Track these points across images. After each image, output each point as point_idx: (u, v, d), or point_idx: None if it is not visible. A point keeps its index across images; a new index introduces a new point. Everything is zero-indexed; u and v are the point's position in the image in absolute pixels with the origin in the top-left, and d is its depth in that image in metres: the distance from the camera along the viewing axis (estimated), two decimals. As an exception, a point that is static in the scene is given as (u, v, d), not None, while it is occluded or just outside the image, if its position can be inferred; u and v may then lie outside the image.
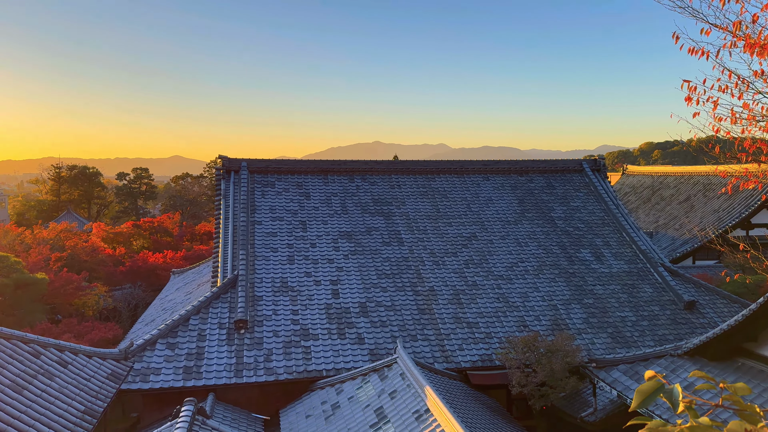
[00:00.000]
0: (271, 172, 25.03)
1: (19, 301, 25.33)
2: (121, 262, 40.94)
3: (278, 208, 23.39)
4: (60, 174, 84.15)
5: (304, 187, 24.79)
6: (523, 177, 27.14)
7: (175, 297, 25.98)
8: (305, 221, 23.07)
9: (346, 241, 22.39)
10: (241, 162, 24.69)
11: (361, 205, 24.35)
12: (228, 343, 17.51)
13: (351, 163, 26.52)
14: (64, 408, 11.88)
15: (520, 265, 22.35)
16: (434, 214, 24.40)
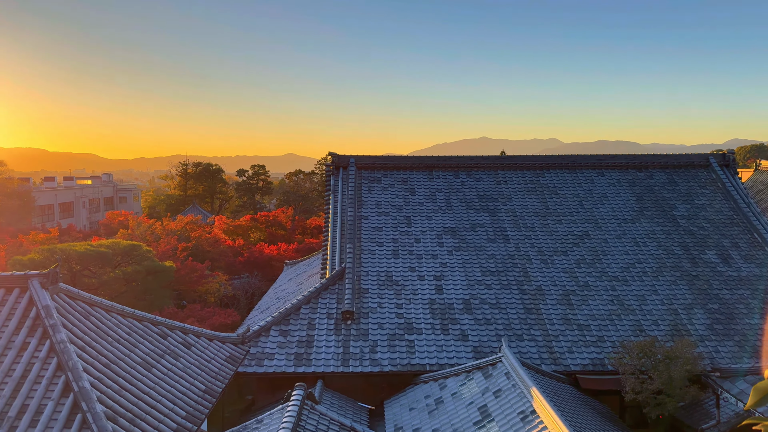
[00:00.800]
0: (377, 168, 25.48)
1: (149, 287, 27.71)
2: (240, 253, 43.50)
3: (384, 204, 23.77)
4: (186, 170, 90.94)
5: (410, 182, 25.00)
6: (642, 172, 25.60)
7: (287, 287, 27.24)
8: (410, 217, 23.26)
9: (450, 237, 22.31)
10: (349, 159, 25.35)
11: (466, 201, 24.15)
12: (335, 333, 18.09)
13: (456, 158, 26.37)
14: (188, 386, 12.86)
15: (638, 266, 21.12)
16: (543, 211, 23.67)
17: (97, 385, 10.78)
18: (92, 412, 9.95)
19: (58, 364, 10.91)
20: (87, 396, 10.21)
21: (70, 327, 11.97)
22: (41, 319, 11.72)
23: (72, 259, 25.26)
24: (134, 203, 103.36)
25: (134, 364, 12.36)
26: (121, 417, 10.40)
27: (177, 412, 11.59)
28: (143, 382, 11.96)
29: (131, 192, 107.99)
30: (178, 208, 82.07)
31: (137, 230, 40.98)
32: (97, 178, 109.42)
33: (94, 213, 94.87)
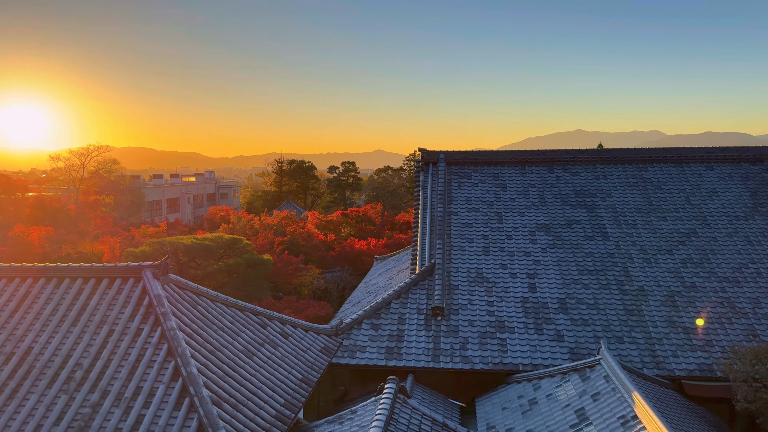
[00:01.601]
0: (467, 164, 25.22)
1: (249, 279, 29.05)
2: (332, 247, 44.61)
3: (474, 199, 23.49)
4: (282, 168, 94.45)
5: (501, 178, 24.55)
6: (756, 166, 23.66)
7: (377, 281, 27.61)
8: (501, 213, 22.85)
9: (545, 234, 21.69)
10: (439, 154, 25.26)
11: (561, 196, 23.37)
12: (426, 329, 18.13)
13: (551, 152, 25.57)
14: (285, 375, 13.37)
15: (751, 267, 19.57)
16: (645, 207, 22.46)
17: (203, 371, 11.44)
18: (199, 396, 10.57)
19: (169, 350, 11.67)
20: (194, 381, 10.86)
21: (179, 315, 12.77)
22: (153, 307, 12.58)
23: (179, 252, 26.95)
24: (234, 199, 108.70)
25: (237, 352, 13.00)
26: (224, 402, 10.98)
27: (276, 399, 12.08)
28: (245, 369, 12.55)
29: (231, 188, 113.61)
30: (273, 204, 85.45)
31: (237, 225, 43.07)
32: (201, 175, 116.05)
33: (197, 208, 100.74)
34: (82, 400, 10.85)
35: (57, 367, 11.53)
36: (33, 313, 12.76)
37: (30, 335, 12.25)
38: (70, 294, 13.10)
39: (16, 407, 10.83)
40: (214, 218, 56.99)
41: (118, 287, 13.22)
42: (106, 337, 12.10)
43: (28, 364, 11.64)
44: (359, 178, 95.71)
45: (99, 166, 77.38)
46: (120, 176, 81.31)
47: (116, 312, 12.61)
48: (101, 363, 11.52)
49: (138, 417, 10.45)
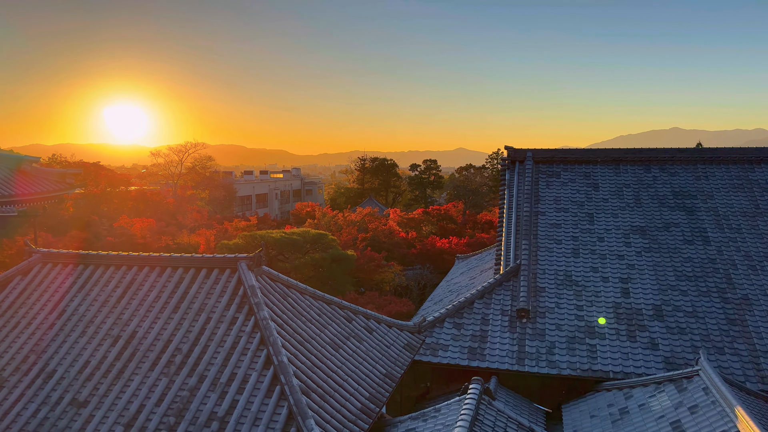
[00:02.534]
0: (556, 162, 24.48)
1: (333, 273, 29.70)
2: (413, 245, 44.74)
3: (563, 199, 22.77)
4: (364, 165, 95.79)
5: (592, 177, 23.64)
6: None
7: (459, 280, 27.40)
8: (592, 213, 22.00)
9: (639, 237, 20.68)
10: (526, 152, 24.68)
11: (659, 197, 22.19)
12: (510, 330, 17.79)
13: (647, 151, 24.33)
14: (370, 369, 13.56)
15: None
16: (752, 211, 20.91)
17: (293, 361, 11.82)
18: (289, 385, 10.93)
19: (261, 339, 12.15)
20: (285, 370, 11.24)
21: (271, 306, 13.26)
22: (247, 298, 13.13)
23: (269, 245, 27.96)
24: (318, 195, 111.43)
25: (324, 344, 13.33)
26: (312, 392, 11.29)
27: (361, 393, 12.28)
28: (332, 361, 12.85)
29: (316, 185, 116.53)
30: (356, 201, 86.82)
31: (322, 220, 44.12)
32: (288, 172, 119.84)
33: (284, 203, 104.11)
34: (180, 383, 11.51)
35: (159, 351, 12.30)
36: (138, 300, 13.66)
37: (135, 320, 13.13)
38: (172, 282, 13.92)
39: (122, 387, 11.64)
40: (300, 214, 58.66)
41: (215, 277, 13.90)
42: (203, 324, 12.76)
43: (132, 347, 12.48)
44: (440, 176, 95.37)
45: (195, 162, 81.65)
46: (214, 172, 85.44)
47: (213, 301, 13.27)
48: (199, 349, 12.16)
49: (232, 402, 10.95)
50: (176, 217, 48.90)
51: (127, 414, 10.98)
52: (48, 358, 12.44)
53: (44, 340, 12.91)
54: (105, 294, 13.88)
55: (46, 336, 13.02)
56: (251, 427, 10.40)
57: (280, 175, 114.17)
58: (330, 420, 10.77)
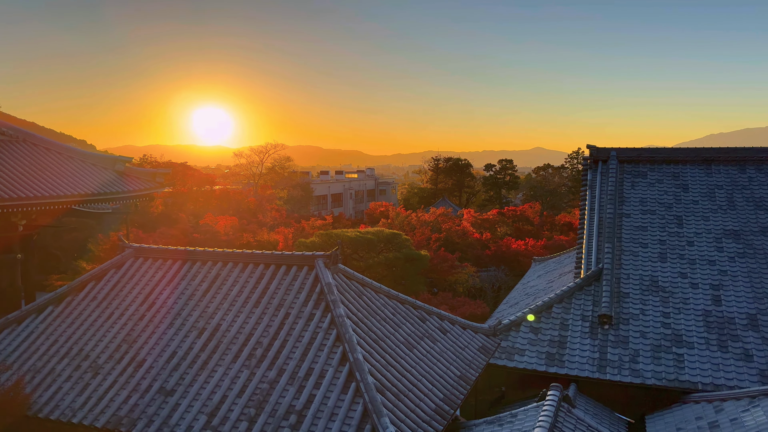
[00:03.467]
0: (642, 162, 23.38)
1: (406, 273, 29.73)
2: (487, 246, 44.08)
3: (650, 201, 21.72)
4: (438, 165, 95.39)
5: (681, 177, 22.41)
6: None
7: (536, 284, 26.73)
8: (681, 216, 20.86)
9: (733, 242, 19.40)
10: (610, 151, 23.74)
11: (755, 200, 20.74)
12: (591, 337, 17.17)
13: (742, 150, 22.79)
14: (444, 370, 13.46)
15: None
16: None
17: (368, 358, 11.92)
18: (364, 382, 11.03)
19: (337, 336, 12.33)
20: (360, 367, 11.35)
21: (346, 303, 13.44)
22: (324, 295, 13.37)
23: (344, 244, 28.37)
24: (392, 195, 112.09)
25: (398, 343, 13.36)
26: (387, 390, 11.34)
27: (435, 394, 12.22)
28: (406, 360, 12.86)
29: (389, 185, 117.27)
30: (429, 201, 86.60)
31: (396, 220, 44.31)
32: (362, 172, 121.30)
33: (358, 203, 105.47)
34: (261, 375, 11.87)
35: (241, 344, 12.74)
36: (222, 294, 14.22)
37: (219, 313, 13.67)
38: (253, 278, 14.40)
39: (206, 378, 12.14)
40: (374, 213, 59.18)
41: (294, 274, 14.25)
42: (282, 319, 13.11)
43: (216, 340, 13.00)
44: (516, 177, 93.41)
45: (275, 163, 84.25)
46: (292, 172, 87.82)
47: (292, 297, 13.61)
48: (278, 343, 12.51)
49: (309, 396, 11.18)
50: (257, 216, 50.59)
51: (211, 404, 11.44)
52: (138, 348, 13.18)
53: (135, 331, 13.69)
54: (191, 288, 14.54)
55: (137, 326, 13.80)
56: (327, 422, 10.58)
57: (355, 175, 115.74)
58: (404, 419, 10.77)
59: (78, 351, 13.41)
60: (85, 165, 23.56)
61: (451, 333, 15.36)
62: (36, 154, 22.75)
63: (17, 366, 13.29)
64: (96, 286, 15.27)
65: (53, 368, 13.08)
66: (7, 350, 13.87)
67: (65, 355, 13.40)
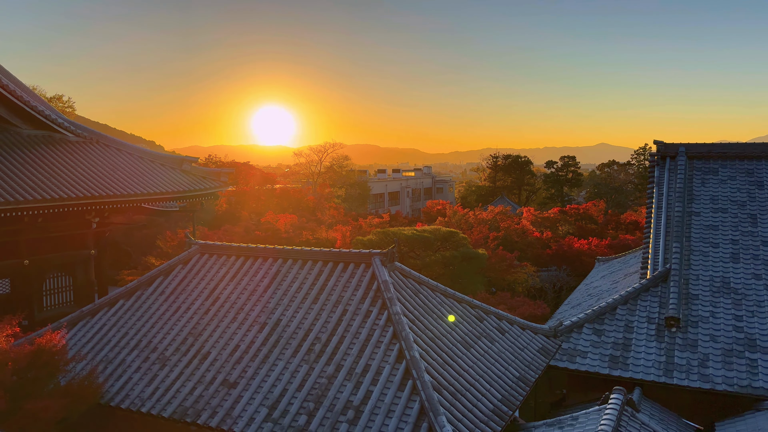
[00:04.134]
0: (714, 158, 22.28)
1: (463, 272, 29.47)
2: (548, 245, 43.13)
3: (721, 199, 20.67)
4: (496, 163, 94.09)
5: (756, 174, 21.21)
6: None
7: (600, 284, 25.96)
8: (756, 215, 19.76)
9: (815, 241, 18.21)
10: (678, 147, 22.74)
11: (840, 197, 19.39)
12: (657, 339, 16.52)
13: (826, 145, 21.35)
14: (502, 371, 13.29)
15: None
16: None
17: (425, 357, 11.91)
18: (421, 380, 11.03)
19: (394, 333, 12.38)
20: (417, 365, 11.36)
21: (403, 301, 13.47)
22: (381, 292, 13.45)
23: (400, 242, 28.43)
24: (449, 193, 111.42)
25: (455, 342, 13.29)
26: (444, 389, 11.30)
27: (493, 394, 12.08)
28: (463, 359, 12.77)
29: (447, 183, 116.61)
30: (487, 199, 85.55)
31: (453, 218, 44.02)
32: (419, 170, 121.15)
33: (415, 201, 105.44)
34: (319, 370, 12.08)
35: (300, 339, 13.00)
36: (282, 290, 14.55)
37: (279, 309, 13.99)
38: (312, 275, 14.66)
39: (267, 371, 12.45)
40: (431, 211, 59.01)
41: (351, 271, 14.41)
42: (340, 316, 13.29)
43: (277, 334, 13.31)
44: (579, 174, 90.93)
45: (333, 162, 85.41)
46: (350, 171, 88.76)
47: (349, 294, 13.78)
48: (336, 339, 12.68)
49: (366, 392, 11.28)
50: (315, 214, 51.43)
51: (271, 397, 11.73)
52: (203, 341, 13.66)
53: (200, 324, 14.20)
54: (254, 283, 14.95)
55: (202, 320, 14.31)
56: (384, 418, 10.65)
57: (412, 174, 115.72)
58: (461, 419, 10.71)
59: (147, 343, 14.04)
60: (154, 165, 24.60)
61: (510, 333, 15.14)
62: (108, 155, 23.94)
63: (91, 356, 14.04)
64: (164, 281, 15.93)
65: (124, 359, 13.74)
66: (82, 341, 14.67)
67: (135, 346, 14.05)
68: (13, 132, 22.52)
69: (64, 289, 23.47)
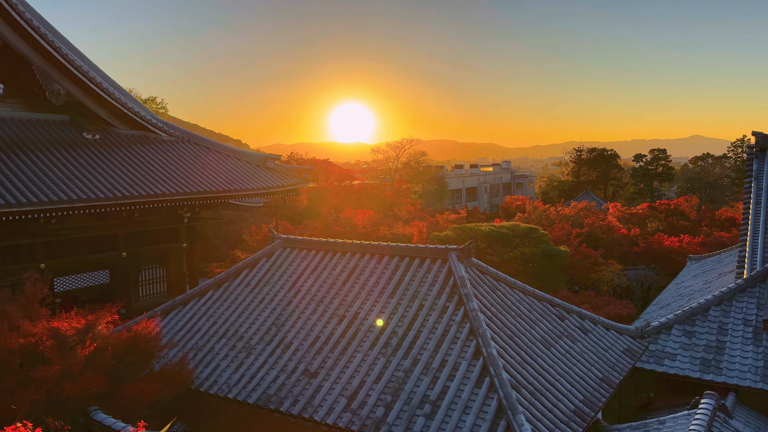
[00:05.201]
0: (823, 149, 20.53)
1: (544, 269, 28.75)
2: (635, 242, 41.30)
3: (832, 193, 19.03)
4: (580, 157, 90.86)
5: None
6: None
7: (692, 284, 24.57)
8: None
9: None
10: (781, 138, 21.12)
11: None
12: (754, 343, 15.47)
13: None
14: (584, 371, 12.90)
15: None
16: None
17: (503, 354, 11.77)
18: (499, 377, 10.92)
19: (471, 330, 12.31)
20: (494, 362, 11.24)
21: (480, 298, 13.36)
22: (457, 288, 13.40)
23: (478, 238, 28.14)
24: (529, 189, 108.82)
25: (534, 341, 13.03)
26: (523, 388, 11.13)
27: (575, 395, 11.76)
28: (542, 359, 12.51)
29: (527, 178, 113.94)
30: (570, 194, 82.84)
31: (533, 214, 43.03)
32: (497, 165, 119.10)
33: (494, 197, 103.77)
34: (396, 364, 12.21)
35: (377, 333, 13.19)
36: (360, 284, 14.81)
37: (357, 302, 14.26)
38: (389, 269, 14.82)
39: (346, 362, 12.72)
40: (509, 207, 57.94)
41: (428, 267, 14.45)
42: (416, 310, 13.36)
43: (355, 327, 13.57)
44: (670, 167, 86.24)
45: (410, 158, 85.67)
46: (427, 167, 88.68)
47: (425, 289, 13.82)
48: (412, 333, 12.77)
49: (443, 388, 11.30)
50: (392, 209, 51.80)
51: (350, 388, 11.98)
52: (286, 331, 14.15)
53: (283, 315, 14.71)
54: (333, 277, 15.31)
55: (284, 311, 14.82)
56: (461, 414, 10.62)
57: (490, 169, 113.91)
58: (540, 418, 10.51)
59: (234, 332, 14.72)
60: (240, 162, 25.67)
61: (593, 333, 14.66)
62: (198, 153, 25.21)
63: (182, 343, 14.89)
64: (249, 273, 16.62)
65: (212, 347, 14.47)
66: (174, 329, 15.59)
67: (222, 335, 14.76)
68: (112, 132, 24.18)
69: (158, 280, 24.99)
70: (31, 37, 20.83)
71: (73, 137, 22.60)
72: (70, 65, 21.82)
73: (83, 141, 22.60)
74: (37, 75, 21.97)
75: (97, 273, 22.96)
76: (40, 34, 20.80)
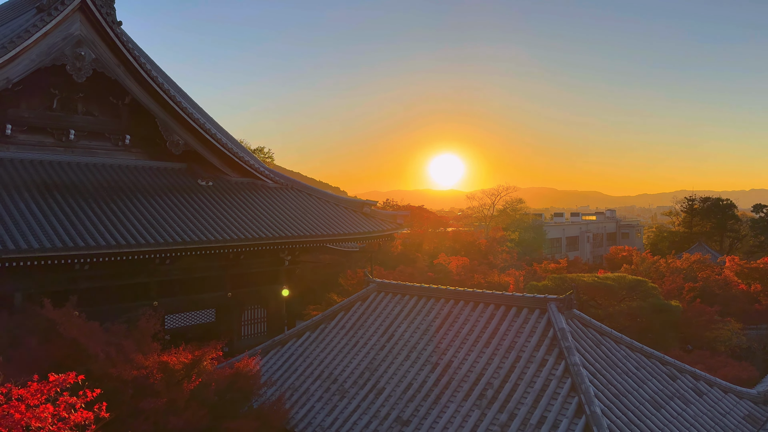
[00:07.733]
0: None
1: (652, 325, 26.87)
2: (756, 299, 37.80)
3: None
4: (692, 206, 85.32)
5: None
6: None
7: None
8: None
9: None
10: None
11: None
12: None
13: None
14: (700, 438, 11.79)
15: None
16: None
17: (607, 414, 11.04)
18: (602, 438, 10.22)
19: (572, 385, 11.69)
20: (598, 422, 10.56)
21: (582, 352, 12.71)
22: (557, 340, 12.84)
23: (579, 289, 26.92)
24: (636, 239, 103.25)
25: (642, 401, 12.15)
26: (629, 451, 10.34)
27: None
28: (652, 420, 11.61)
29: (633, 228, 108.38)
30: (682, 246, 77.55)
31: (641, 266, 40.68)
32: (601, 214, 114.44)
33: (597, 247, 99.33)
34: (492, 417, 11.78)
35: (471, 383, 12.85)
36: (453, 331, 14.59)
37: (451, 350, 14.02)
38: (484, 317, 14.51)
39: (439, 412, 12.46)
40: (614, 258, 55.15)
41: (525, 317, 14.00)
42: (513, 362, 12.92)
43: (448, 376, 13.31)
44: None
45: (506, 205, 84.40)
46: (524, 214, 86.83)
47: (523, 340, 13.36)
48: (509, 386, 12.32)
49: (541, 446, 10.74)
50: (487, 257, 50.90)
51: (442, 439, 11.68)
52: (379, 376, 14.13)
53: (376, 360, 14.73)
54: (426, 323, 15.20)
55: (377, 356, 14.84)
56: (561, 475, 10.01)
57: (593, 217, 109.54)
58: (650, 487, 9.67)
59: (329, 374, 14.90)
60: (338, 208, 26.50)
61: (709, 396, 13.44)
62: (300, 199, 26.33)
63: (280, 383, 15.26)
64: (345, 316, 16.88)
65: (308, 388, 14.71)
66: (273, 368, 16.03)
67: (318, 376, 14.98)
68: (224, 180, 25.88)
69: (259, 320, 25.95)
70: (155, 92, 22.99)
71: (189, 184, 24.41)
72: (189, 118, 23.78)
73: (198, 187, 24.34)
74: (159, 127, 24.10)
75: (204, 312, 24.24)
76: (164, 90, 22.92)
